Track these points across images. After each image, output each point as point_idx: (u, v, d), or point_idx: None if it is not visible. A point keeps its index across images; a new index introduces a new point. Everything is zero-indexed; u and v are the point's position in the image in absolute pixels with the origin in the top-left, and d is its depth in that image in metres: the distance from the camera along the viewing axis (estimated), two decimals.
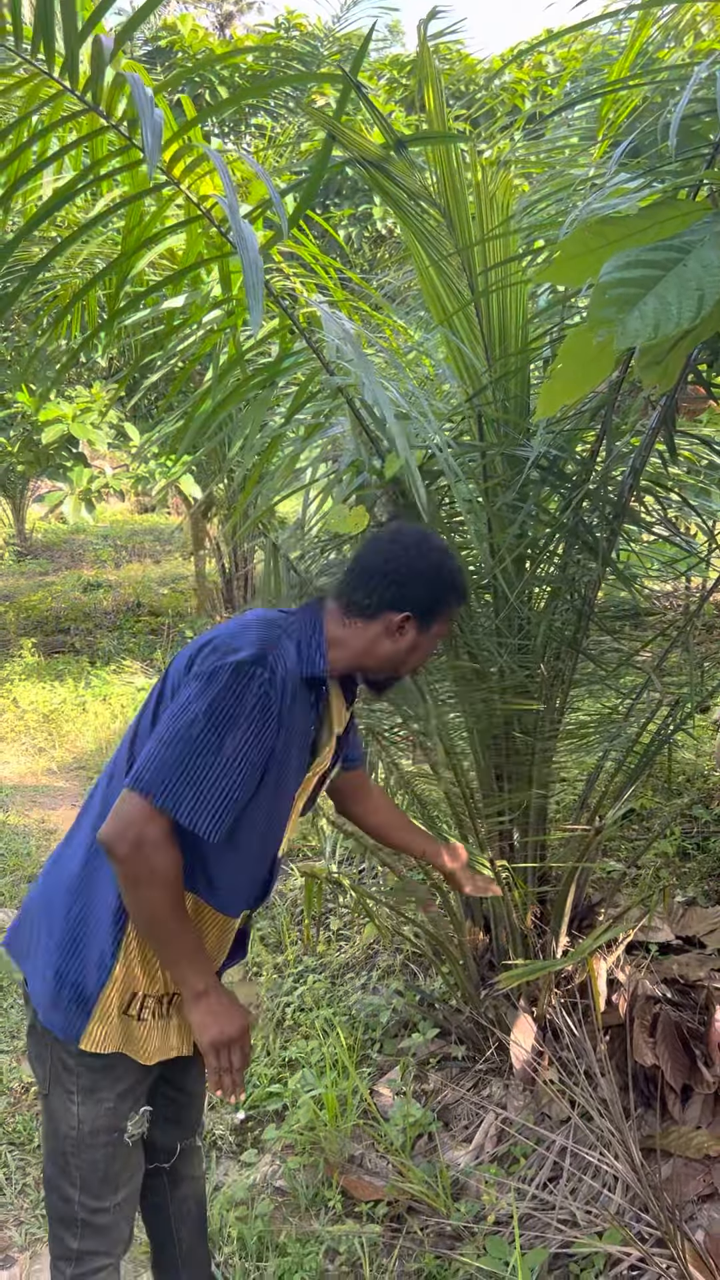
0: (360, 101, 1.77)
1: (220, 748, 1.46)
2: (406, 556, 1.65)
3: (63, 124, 2.15)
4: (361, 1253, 2.21)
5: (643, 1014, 2.48)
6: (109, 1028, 1.59)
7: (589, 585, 2.40)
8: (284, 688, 1.53)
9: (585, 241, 1.39)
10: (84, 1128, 1.63)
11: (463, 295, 2.18)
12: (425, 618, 1.67)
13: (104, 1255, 1.70)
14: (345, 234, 7.04)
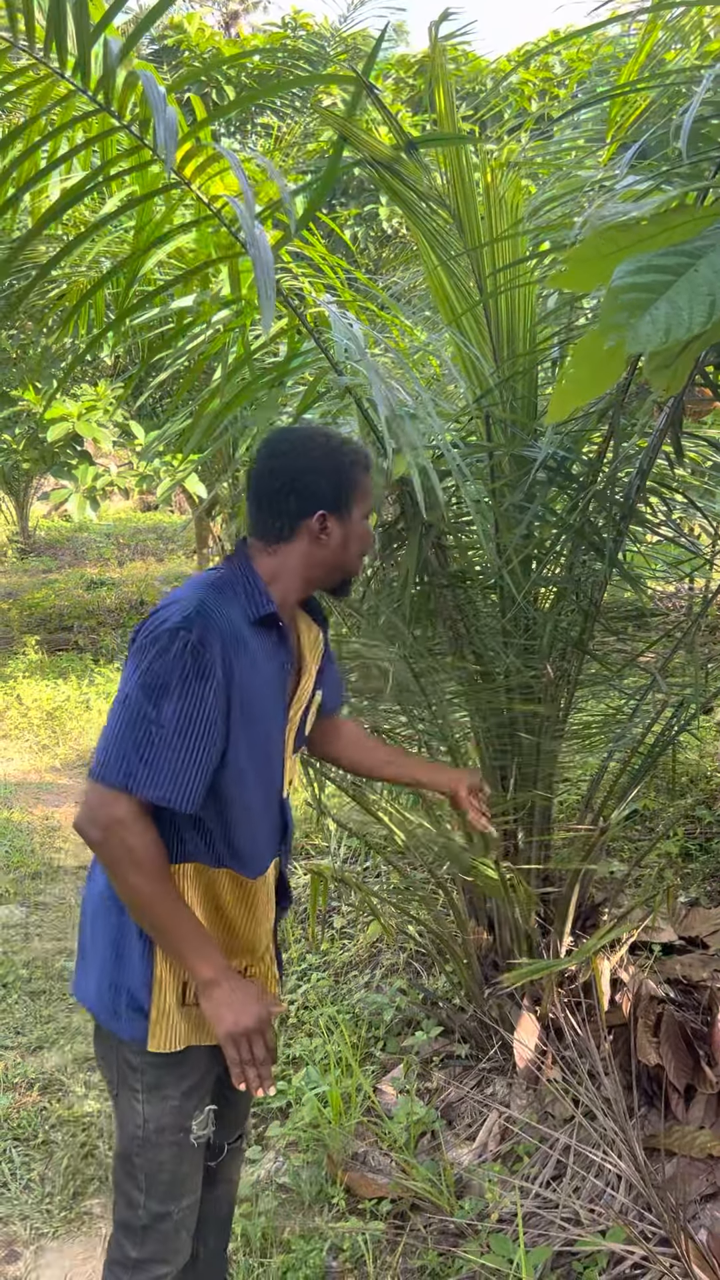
0: (372, 103, 1.78)
1: (160, 718, 1.45)
2: (291, 462, 1.61)
3: (73, 124, 2.16)
4: (365, 1250, 2.22)
5: (646, 1014, 2.49)
6: (171, 1025, 1.59)
7: (595, 586, 2.41)
8: (220, 642, 1.50)
9: (597, 247, 1.40)
10: (149, 1126, 1.63)
11: (472, 296, 2.19)
12: (340, 506, 1.62)
13: (162, 1264, 1.70)
14: (351, 234, 7.04)
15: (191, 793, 1.48)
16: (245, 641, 1.55)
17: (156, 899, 1.48)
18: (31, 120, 2.19)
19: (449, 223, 2.11)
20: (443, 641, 2.61)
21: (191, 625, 1.48)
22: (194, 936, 1.51)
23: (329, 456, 1.61)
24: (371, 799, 2.80)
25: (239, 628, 1.54)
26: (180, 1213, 1.69)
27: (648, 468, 2.20)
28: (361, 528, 1.67)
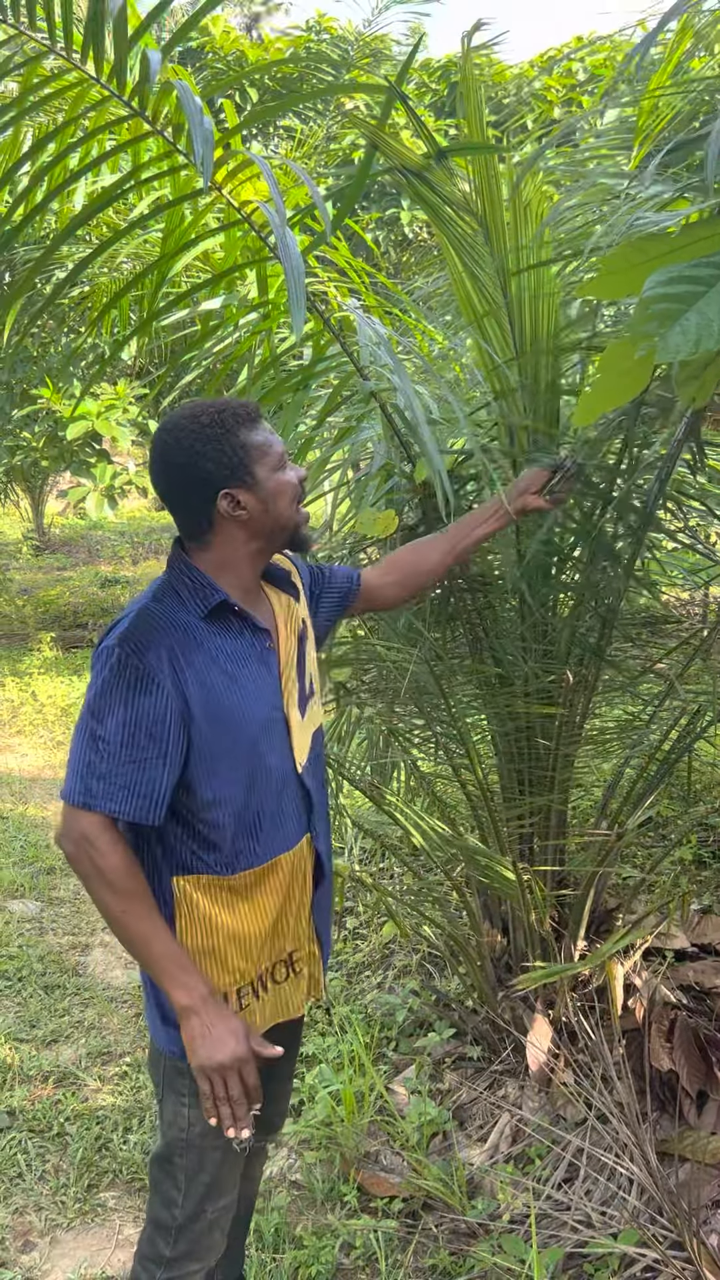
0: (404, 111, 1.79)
1: (106, 734, 1.45)
2: (173, 457, 1.54)
3: (105, 129, 2.18)
4: (378, 1247, 2.24)
5: (660, 1019, 2.50)
6: None
7: (614, 593, 2.42)
8: (164, 649, 1.48)
9: (627, 256, 1.42)
10: (194, 1130, 1.64)
11: (496, 302, 2.21)
12: (238, 476, 1.54)
13: (195, 1262, 1.72)
14: (371, 237, 7.07)
15: (151, 804, 1.48)
16: (199, 641, 1.53)
17: (127, 917, 1.47)
18: (64, 125, 2.21)
19: (475, 229, 2.13)
20: (462, 645, 2.63)
21: (125, 641, 1.47)
22: (168, 960, 1.48)
23: (203, 435, 1.53)
24: (389, 800, 2.81)
25: (190, 628, 1.53)
26: (216, 1212, 1.71)
27: (668, 476, 2.21)
28: (274, 482, 1.57)
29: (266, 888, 1.64)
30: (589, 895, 2.64)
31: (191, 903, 1.58)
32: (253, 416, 1.57)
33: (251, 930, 1.63)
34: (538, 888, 2.48)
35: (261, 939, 1.65)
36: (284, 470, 1.59)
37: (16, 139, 2.79)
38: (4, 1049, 3.05)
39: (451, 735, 2.64)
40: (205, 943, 1.60)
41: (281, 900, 1.66)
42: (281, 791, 1.65)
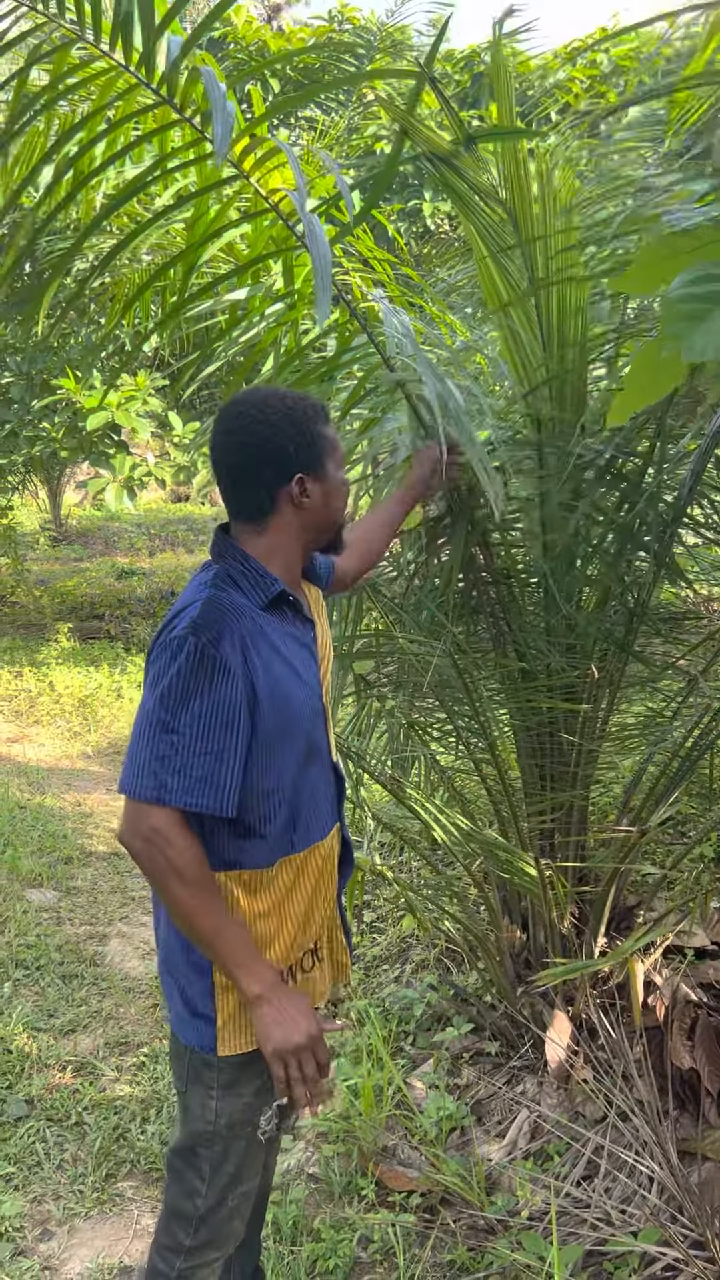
0: (436, 98, 1.78)
1: (179, 725, 1.43)
2: (253, 431, 1.55)
3: (132, 118, 2.17)
4: (395, 1242, 2.23)
5: (682, 1017, 2.49)
6: (239, 1028, 1.59)
7: (643, 587, 2.41)
8: (235, 638, 1.47)
9: (658, 251, 1.40)
10: (221, 1121, 1.64)
11: (523, 291, 2.19)
12: (313, 464, 1.58)
13: (214, 1250, 1.72)
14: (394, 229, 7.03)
15: (226, 795, 1.46)
16: (262, 630, 1.53)
17: (200, 911, 1.45)
18: (92, 114, 2.20)
19: (503, 218, 2.11)
20: (485, 639, 2.61)
21: (200, 630, 1.46)
22: (240, 951, 1.47)
23: (289, 417, 1.55)
24: (410, 794, 2.80)
25: (253, 618, 1.52)
26: (235, 1200, 1.70)
27: (701, 470, 2.19)
28: (338, 479, 1.63)
29: (303, 877, 1.64)
30: (610, 892, 2.62)
31: (233, 899, 1.57)
32: (327, 413, 1.63)
33: (289, 922, 1.63)
34: (559, 884, 2.47)
35: (297, 930, 1.65)
36: (343, 470, 1.66)
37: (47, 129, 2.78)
38: (22, 1038, 3.06)
39: (473, 729, 2.63)
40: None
41: (314, 889, 1.67)
42: (320, 779, 1.67)
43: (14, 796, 5.16)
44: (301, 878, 1.64)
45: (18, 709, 6.84)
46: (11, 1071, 2.91)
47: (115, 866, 4.48)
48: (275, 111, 1.87)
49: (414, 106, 1.86)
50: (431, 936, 3.35)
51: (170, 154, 2.29)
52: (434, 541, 2.50)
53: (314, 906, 1.68)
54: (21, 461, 7.66)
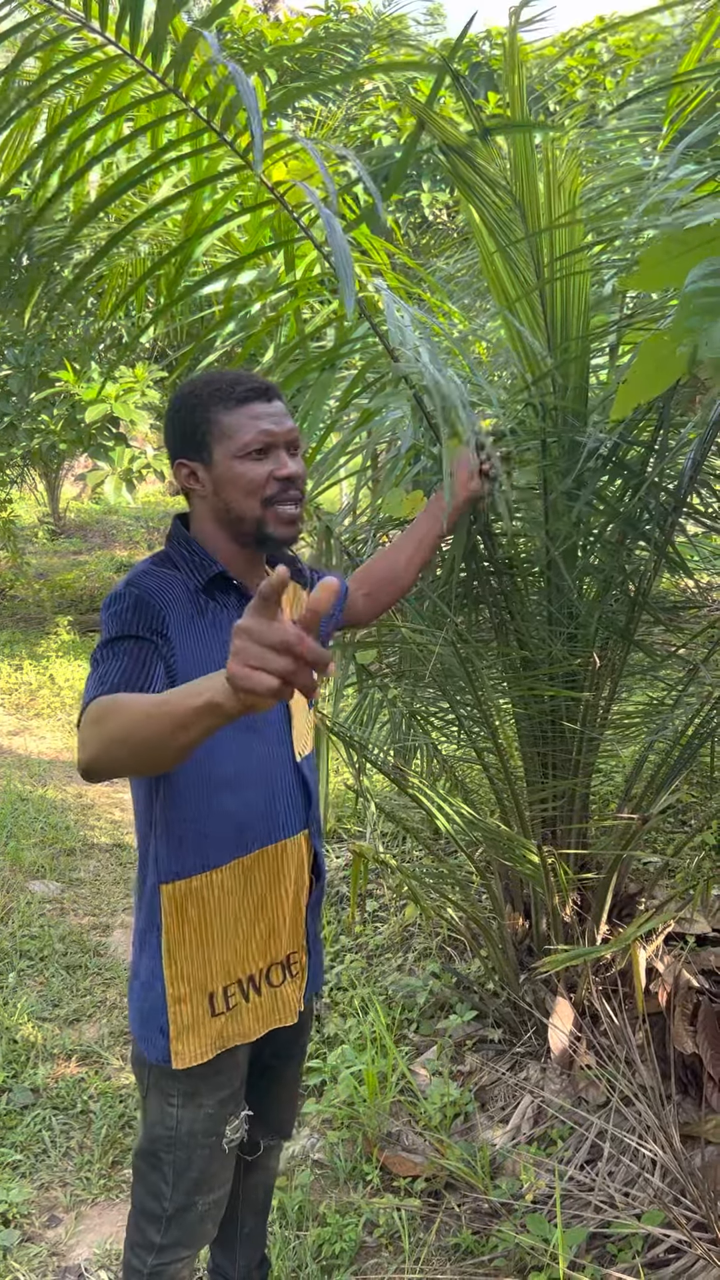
0: (457, 90, 1.78)
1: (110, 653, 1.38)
2: (166, 414, 1.56)
3: (128, 110, 2.17)
4: (401, 1226, 2.25)
5: (684, 1003, 2.51)
6: (195, 1040, 1.57)
7: (645, 576, 2.42)
8: (172, 600, 1.45)
9: (668, 248, 1.41)
10: (181, 1129, 1.62)
11: (528, 282, 2.19)
12: (195, 451, 1.52)
13: (185, 1249, 1.70)
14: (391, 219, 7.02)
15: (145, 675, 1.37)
16: (202, 607, 1.50)
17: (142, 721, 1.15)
18: (86, 106, 2.20)
19: (511, 208, 2.11)
20: (487, 628, 2.62)
21: (133, 583, 1.46)
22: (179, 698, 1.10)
23: (186, 400, 1.52)
24: (412, 782, 2.82)
25: (186, 600, 1.49)
26: (206, 1205, 1.67)
27: (702, 459, 2.20)
28: (227, 469, 1.50)
29: (257, 877, 1.59)
30: (611, 879, 2.64)
31: (180, 908, 1.54)
32: (241, 396, 1.51)
33: (242, 925, 1.59)
34: (562, 871, 2.48)
35: (252, 934, 1.60)
36: (248, 461, 1.49)
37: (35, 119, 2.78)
38: (27, 1027, 3.08)
39: (475, 718, 2.64)
40: (194, 946, 1.56)
41: (274, 893, 1.62)
42: (275, 778, 1.60)
43: (16, 789, 5.18)
44: (256, 876, 1.59)
45: (18, 702, 6.85)
46: (17, 1060, 2.93)
47: (118, 858, 4.49)
48: (282, 105, 1.87)
49: (433, 99, 1.86)
50: (434, 925, 3.37)
51: (169, 145, 2.29)
52: None
53: (278, 913, 1.63)
54: (20, 455, 7.66)
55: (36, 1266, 2.25)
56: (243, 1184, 1.92)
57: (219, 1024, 1.59)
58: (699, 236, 1.35)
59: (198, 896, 1.55)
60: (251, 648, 0.94)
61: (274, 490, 1.50)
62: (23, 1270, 2.23)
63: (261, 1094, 1.82)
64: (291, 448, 1.53)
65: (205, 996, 1.57)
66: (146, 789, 1.55)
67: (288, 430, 1.52)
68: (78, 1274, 2.24)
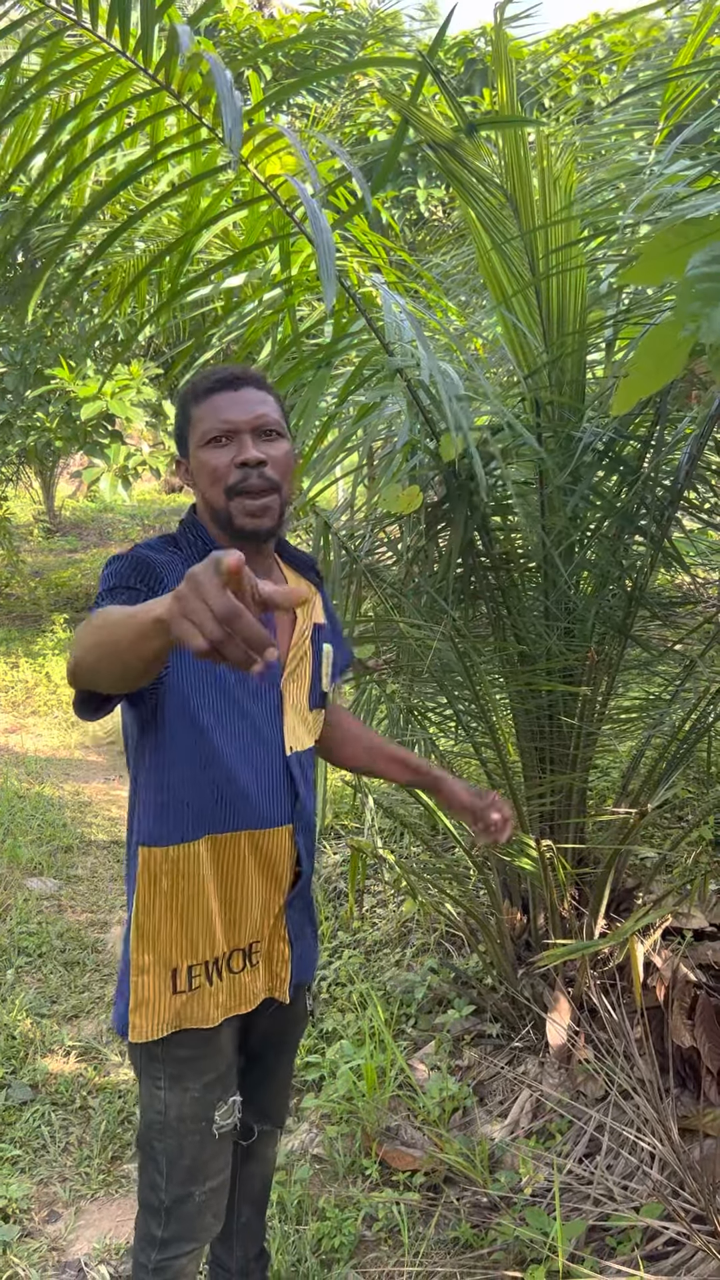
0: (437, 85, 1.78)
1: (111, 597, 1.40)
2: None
3: (126, 105, 2.17)
4: (400, 1220, 2.26)
5: (681, 997, 2.51)
6: (152, 1014, 1.57)
7: (641, 571, 2.42)
8: (163, 570, 1.45)
9: (666, 241, 1.41)
10: (170, 1114, 1.62)
11: (524, 278, 2.20)
12: (182, 444, 1.59)
13: (187, 1242, 1.69)
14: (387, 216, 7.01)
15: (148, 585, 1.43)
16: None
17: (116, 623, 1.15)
18: (85, 102, 2.20)
19: (503, 204, 2.12)
20: (485, 623, 2.63)
21: (138, 548, 1.49)
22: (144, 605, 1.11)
23: (179, 399, 1.59)
24: None
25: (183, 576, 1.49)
26: (203, 1195, 1.67)
27: (698, 453, 2.20)
28: (197, 460, 1.53)
29: (231, 860, 1.58)
30: (609, 874, 2.64)
31: (154, 875, 1.55)
32: (208, 388, 1.54)
33: (211, 904, 1.57)
34: (559, 866, 2.49)
35: (220, 916, 1.59)
36: (210, 450, 1.51)
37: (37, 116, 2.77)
38: (26, 1024, 3.08)
39: (473, 713, 2.64)
40: (161, 917, 1.56)
41: (246, 879, 1.60)
42: (261, 765, 1.59)
43: (13, 786, 5.17)
44: (230, 859, 1.58)
45: (14, 700, 6.84)
46: (16, 1057, 2.93)
47: (115, 855, 4.49)
48: (273, 99, 1.87)
49: (416, 96, 1.87)
50: (432, 920, 3.37)
51: (165, 141, 2.29)
52: (433, 526, 2.51)
53: (248, 902, 1.61)
54: (15, 452, 7.64)
55: (36, 1261, 2.25)
56: (239, 1173, 1.92)
57: (179, 1002, 1.58)
58: (699, 230, 1.36)
59: (172, 866, 1.55)
60: (193, 600, 0.92)
61: (236, 478, 1.49)
62: (23, 1265, 2.23)
63: (253, 1083, 1.83)
64: (261, 433, 1.51)
65: (168, 971, 1.57)
66: (137, 751, 1.57)
67: (254, 416, 1.51)
68: (77, 1269, 2.25)
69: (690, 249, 1.32)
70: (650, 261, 1.38)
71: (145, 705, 1.52)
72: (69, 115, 2.17)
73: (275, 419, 1.53)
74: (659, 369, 1.51)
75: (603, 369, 2.53)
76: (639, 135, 2.99)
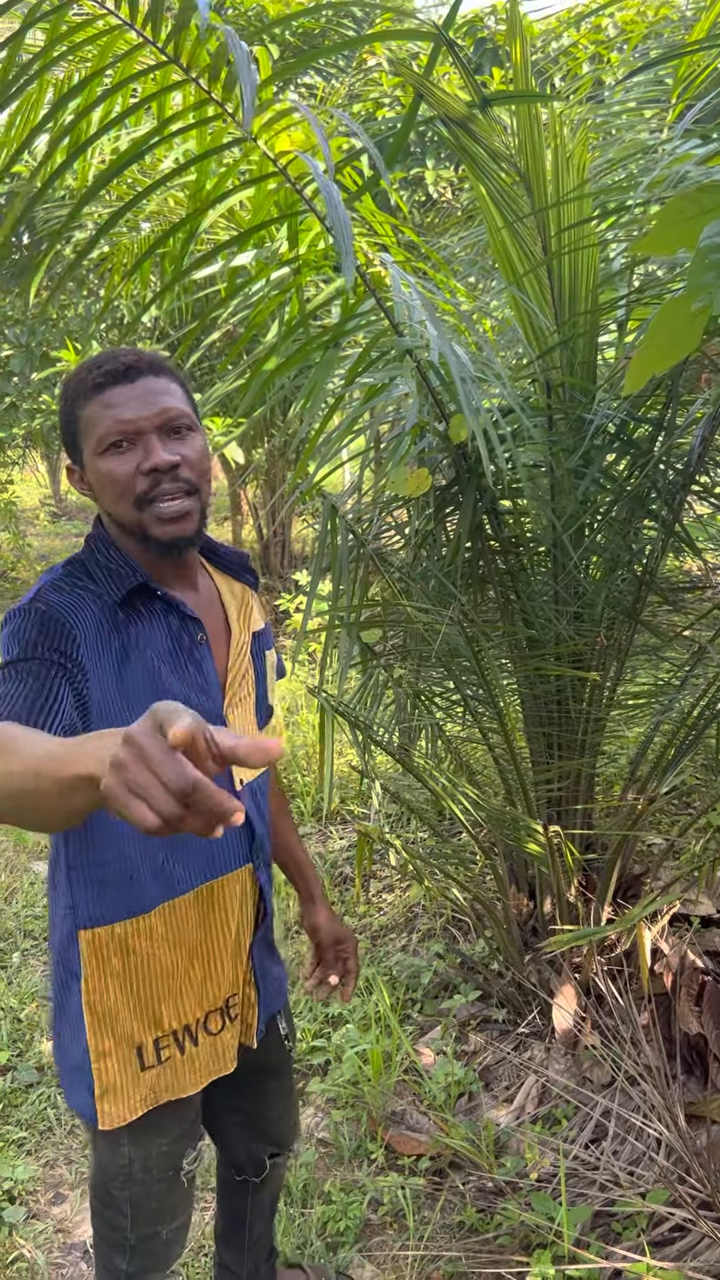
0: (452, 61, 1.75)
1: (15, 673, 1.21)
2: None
3: (133, 80, 2.14)
4: (405, 1204, 2.26)
5: (689, 983, 2.50)
6: (122, 1098, 1.44)
7: (652, 555, 2.40)
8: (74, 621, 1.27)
9: (681, 210, 1.38)
10: (135, 1166, 1.49)
11: (535, 256, 2.17)
12: (73, 450, 1.36)
13: (155, 1272, 1.60)
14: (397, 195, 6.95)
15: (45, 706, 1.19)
16: (114, 628, 1.32)
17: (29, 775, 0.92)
18: (90, 78, 2.17)
19: (517, 181, 2.09)
20: (493, 607, 2.61)
21: (37, 598, 1.29)
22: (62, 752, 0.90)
23: (62, 396, 1.36)
24: (417, 762, 2.81)
25: (102, 618, 1.31)
26: (170, 1232, 1.58)
27: (710, 435, 2.18)
28: (95, 471, 1.32)
29: (191, 919, 1.44)
30: (617, 860, 2.63)
31: (102, 957, 1.40)
32: (96, 383, 1.30)
33: (176, 972, 1.44)
34: (567, 851, 2.48)
35: (187, 981, 1.46)
36: (110, 458, 1.30)
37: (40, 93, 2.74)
38: (32, 1006, 3.08)
39: (481, 698, 2.63)
40: (118, 998, 1.41)
41: (212, 934, 1.47)
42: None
43: None
44: (189, 920, 1.43)
45: None
46: (22, 1039, 2.93)
47: None
48: (282, 75, 1.84)
49: (431, 69, 1.83)
50: (438, 905, 3.37)
51: (172, 117, 2.26)
52: (442, 510, 2.49)
53: (217, 957, 1.48)
54: (21, 435, 7.62)
55: (42, 1243, 2.26)
56: (252, 1201, 1.86)
57: (150, 1078, 1.45)
58: (714, 198, 1.33)
59: (121, 944, 1.39)
60: (138, 773, 0.73)
61: (144, 486, 1.30)
62: (29, 1247, 2.23)
63: (250, 1112, 1.76)
64: (169, 431, 1.32)
65: (133, 1050, 1.43)
66: (60, 833, 1.38)
67: (157, 412, 1.30)
68: (83, 1250, 2.25)
69: (705, 218, 1.29)
70: (663, 231, 1.35)
71: None
72: (73, 92, 2.14)
73: (183, 410, 1.33)
74: (673, 344, 1.48)
75: (614, 351, 2.50)
76: (650, 115, 2.95)
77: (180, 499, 1.31)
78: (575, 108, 2.96)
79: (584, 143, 2.11)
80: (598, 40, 6.78)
